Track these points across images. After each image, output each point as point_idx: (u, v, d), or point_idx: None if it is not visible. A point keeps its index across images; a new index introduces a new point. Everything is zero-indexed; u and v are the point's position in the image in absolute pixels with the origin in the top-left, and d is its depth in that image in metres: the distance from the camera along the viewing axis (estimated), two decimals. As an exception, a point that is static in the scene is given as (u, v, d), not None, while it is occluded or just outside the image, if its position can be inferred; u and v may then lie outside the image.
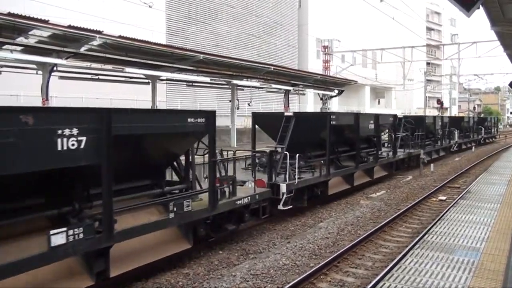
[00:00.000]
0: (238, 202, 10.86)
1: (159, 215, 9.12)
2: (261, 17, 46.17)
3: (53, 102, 20.99)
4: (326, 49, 43.32)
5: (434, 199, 17.30)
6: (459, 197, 15.42)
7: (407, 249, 10.20)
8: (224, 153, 12.58)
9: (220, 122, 35.05)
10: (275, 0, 48.18)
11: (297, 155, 13.67)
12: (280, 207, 13.12)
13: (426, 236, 9.93)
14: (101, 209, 7.65)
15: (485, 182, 17.74)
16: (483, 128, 48.28)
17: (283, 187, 13.09)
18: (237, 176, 12.22)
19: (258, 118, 17.47)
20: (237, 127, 29.35)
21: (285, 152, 13.99)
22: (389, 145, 24.53)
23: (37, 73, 18.42)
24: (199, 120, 9.38)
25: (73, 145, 6.86)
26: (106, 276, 7.90)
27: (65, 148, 6.76)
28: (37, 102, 17.20)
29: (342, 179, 17.80)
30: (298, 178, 13.80)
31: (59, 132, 6.70)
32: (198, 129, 9.53)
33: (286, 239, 12.02)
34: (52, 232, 6.75)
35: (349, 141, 18.56)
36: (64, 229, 6.93)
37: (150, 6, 26.81)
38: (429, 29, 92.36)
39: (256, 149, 15.88)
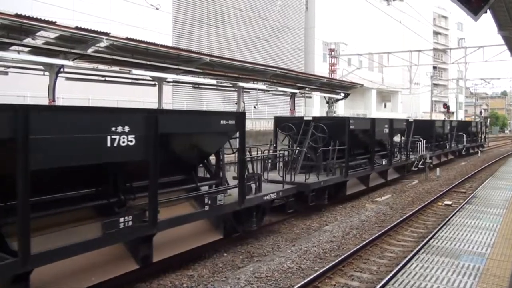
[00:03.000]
0: None
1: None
2: (268, 20, 46.24)
3: (60, 103, 21.07)
4: (333, 52, 43.28)
5: (440, 203, 17.23)
6: (465, 202, 15.35)
7: (412, 253, 10.15)
8: None
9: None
10: (282, 3, 48.23)
11: None
12: None
13: (432, 241, 9.88)
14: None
15: (491, 187, 17.64)
16: (465, 136, 37.85)
17: None
18: None
19: None
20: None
21: None
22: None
23: (44, 74, 18.50)
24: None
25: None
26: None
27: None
28: (44, 103, 17.27)
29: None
30: None
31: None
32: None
33: (291, 242, 12.00)
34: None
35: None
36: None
37: (157, 8, 26.88)
38: (436, 33, 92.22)
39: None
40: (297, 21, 50.95)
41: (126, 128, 7.69)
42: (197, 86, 28.93)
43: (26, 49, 15.94)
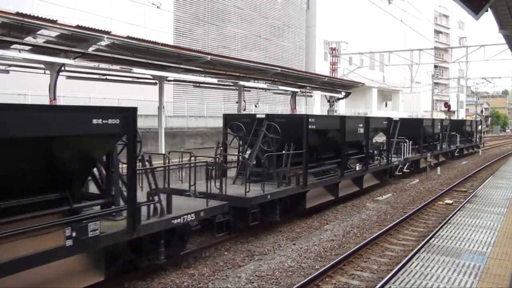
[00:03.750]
0: None
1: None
2: (269, 18, 46.19)
3: (61, 102, 21.07)
4: (334, 51, 43.24)
5: (441, 202, 17.23)
6: (465, 201, 15.37)
7: (412, 252, 10.17)
8: None
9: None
10: (283, 1, 48.17)
11: None
12: None
13: (432, 239, 9.89)
14: None
15: (492, 186, 17.64)
16: (458, 136, 35.24)
17: None
18: None
19: None
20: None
21: None
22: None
23: (45, 73, 18.50)
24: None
25: None
26: None
27: None
28: (45, 102, 17.28)
29: None
30: None
31: None
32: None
33: (292, 241, 12.01)
34: None
35: None
36: None
37: (158, 7, 26.86)
38: (437, 32, 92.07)
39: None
40: (298, 19, 50.89)
41: None
42: (198, 85, 28.92)
43: (27, 47, 15.93)
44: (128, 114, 7.81)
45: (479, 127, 46.43)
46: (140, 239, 8.44)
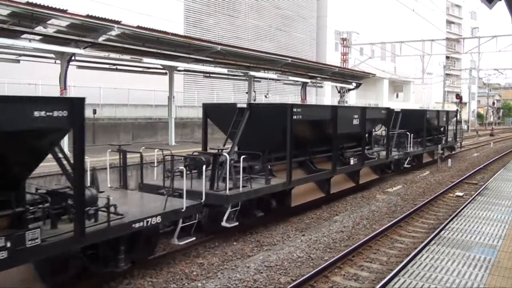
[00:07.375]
0: None
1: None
2: (280, 8, 45.94)
3: (71, 91, 21.11)
4: (345, 42, 42.96)
5: (451, 195, 17.13)
6: (476, 194, 15.24)
7: (422, 244, 10.13)
8: None
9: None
10: (294, -9, 47.89)
11: None
12: None
13: (443, 232, 9.81)
14: None
15: (503, 179, 17.48)
16: (410, 136, 22.01)
17: None
18: None
19: None
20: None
21: None
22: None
23: (55, 63, 18.55)
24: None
25: None
26: None
27: None
28: (56, 91, 17.32)
29: None
30: None
31: None
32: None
33: (301, 231, 12.00)
34: None
35: None
36: None
37: (168, -3, 26.79)
38: (449, 22, 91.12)
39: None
40: (309, 9, 50.57)
41: None
42: (208, 75, 28.90)
43: (38, 37, 15.97)
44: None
45: (455, 120, 31.78)
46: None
